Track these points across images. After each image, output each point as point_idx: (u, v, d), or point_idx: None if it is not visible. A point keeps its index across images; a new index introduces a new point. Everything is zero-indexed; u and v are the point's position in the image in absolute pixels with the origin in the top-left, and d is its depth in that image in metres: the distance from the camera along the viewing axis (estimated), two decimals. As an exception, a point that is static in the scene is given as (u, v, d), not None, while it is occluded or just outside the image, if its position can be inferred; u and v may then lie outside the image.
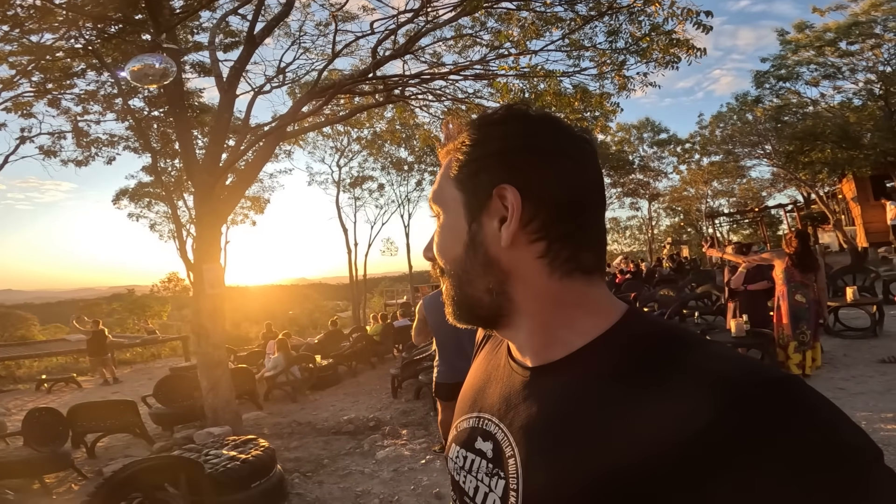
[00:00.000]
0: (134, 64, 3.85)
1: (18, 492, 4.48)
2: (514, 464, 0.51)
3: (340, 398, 7.62)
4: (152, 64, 3.81)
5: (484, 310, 0.55)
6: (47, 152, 10.25)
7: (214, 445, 3.83)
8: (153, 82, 3.87)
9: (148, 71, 3.76)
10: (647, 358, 0.47)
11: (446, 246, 0.57)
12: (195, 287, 5.12)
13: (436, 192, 0.58)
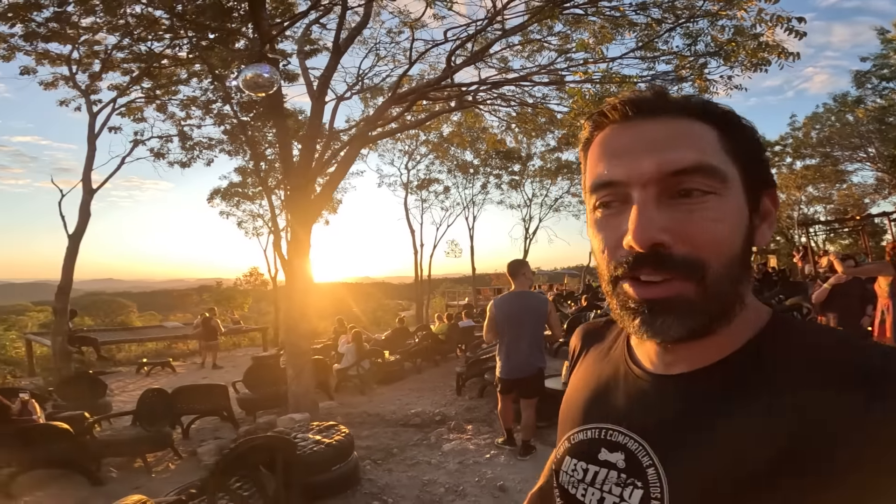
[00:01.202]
0: (246, 73, 4.17)
1: (121, 470, 4.78)
2: (654, 473, 0.50)
3: (406, 393, 7.83)
4: (262, 73, 4.12)
5: (726, 315, 0.49)
6: (157, 154, 11.42)
7: (301, 430, 4.09)
8: (263, 90, 4.20)
9: (259, 80, 4.09)
10: (793, 361, 0.47)
11: (722, 232, 0.47)
12: (287, 282, 5.51)
13: (707, 157, 0.48)
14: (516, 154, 19.28)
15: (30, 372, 12.13)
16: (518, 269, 4.14)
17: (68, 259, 8.95)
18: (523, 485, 3.78)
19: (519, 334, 3.97)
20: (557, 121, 9.24)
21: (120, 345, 15.03)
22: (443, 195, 20.76)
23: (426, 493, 3.83)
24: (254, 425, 6.12)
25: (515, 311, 4.00)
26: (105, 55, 9.68)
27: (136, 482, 4.52)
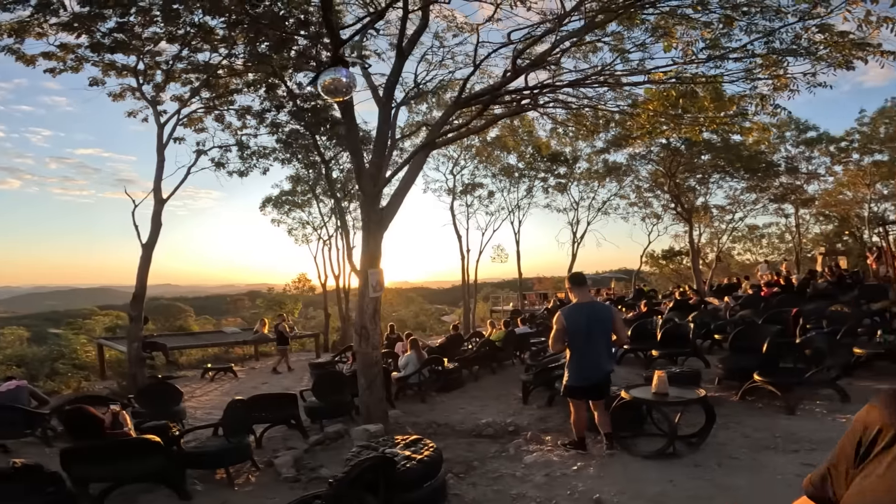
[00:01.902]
0: (324, 78, 4.15)
1: (204, 482, 4.66)
2: None
3: (467, 401, 7.72)
4: (340, 78, 4.07)
5: None
6: (217, 164, 11.82)
7: (387, 444, 3.99)
8: (341, 95, 4.17)
9: (337, 85, 4.03)
10: None
11: None
12: (359, 289, 5.51)
13: None
14: (562, 157, 18.96)
15: (101, 376, 12.73)
16: (581, 281, 4.43)
17: (142, 267, 9.35)
18: (620, 497, 3.61)
19: (591, 342, 4.20)
20: (615, 121, 8.99)
21: (182, 349, 15.57)
22: (487, 200, 20.65)
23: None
24: (322, 434, 6.13)
25: (585, 320, 4.20)
26: (167, 66, 10.04)
27: (221, 496, 4.45)
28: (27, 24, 8.38)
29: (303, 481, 4.63)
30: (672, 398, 4.25)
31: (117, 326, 20.90)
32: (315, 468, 4.93)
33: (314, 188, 17.85)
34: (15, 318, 35.33)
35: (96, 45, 9.17)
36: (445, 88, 9.70)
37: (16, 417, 6.43)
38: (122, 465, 4.17)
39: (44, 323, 27.23)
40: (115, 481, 4.16)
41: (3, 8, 8.00)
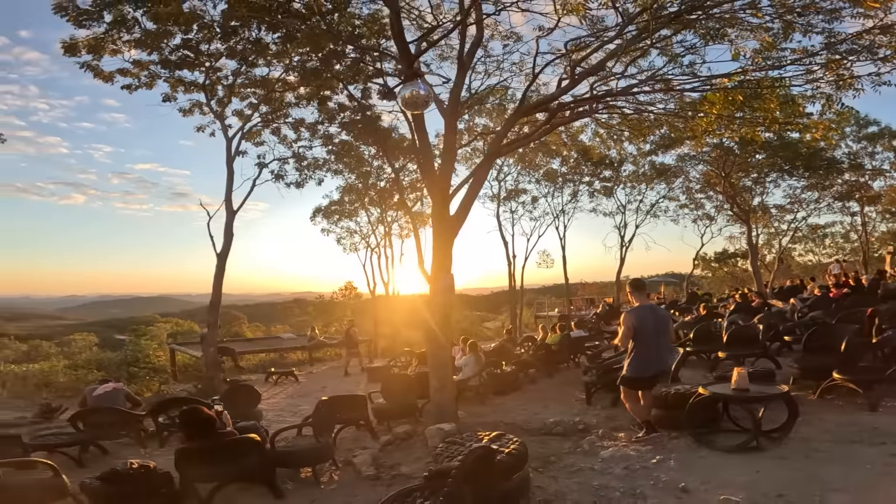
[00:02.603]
0: (403, 92, 4.42)
1: (292, 481, 4.79)
2: None
3: (527, 403, 7.80)
4: (419, 91, 4.34)
5: None
6: (277, 176, 12.44)
7: (471, 439, 4.12)
8: (419, 108, 4.43)
9: (417, 98, 4.31)
10: None
11: None
12: (430, 294, 5.73)
13: None
14: (606, 160, 18.80)
15: (174, 379, 13.54)
16: (642, 286, 5.16)
17: (217, 276, 9.93)
18: (706, 486, 3.65)
19: (657, 339, 4.80)
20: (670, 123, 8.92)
21: (243, 355, 16.29)
22: (531, 205, 20.69)
23: (601, 497, 3.79)
24: (392, 435, 6.35)
25: (652, 320, 4.81)
26: (231, 81, 10.59)
27: (310, 494, 4.58)
28: (103, 41, 9.07)
29: (383, 479, 4.81)
30: (754, 393, 4.25)
31: (178, 333, 22.14)
32: (392, 466, 5.11)
33: (363, 197, 18.42)
34: (83, 325, 37.93)
35: (165, 62, 9.75)
36: (496, 96, 9.89)
37: (114, 419, 6.73)
38: (229, 465, 4.30)
39: (108, 329, 29.08)
40: (222, 481, 4.28)
41: (78, 24, 8.69)
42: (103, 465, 5.51)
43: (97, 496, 4.11)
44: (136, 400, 7.48)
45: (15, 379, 12.18)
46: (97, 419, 6.58)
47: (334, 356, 18.42)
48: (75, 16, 8.50)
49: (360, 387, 12.09)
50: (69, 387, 11.87)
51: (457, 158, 9.42)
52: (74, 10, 8.49)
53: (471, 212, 5.72)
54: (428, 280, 5.92)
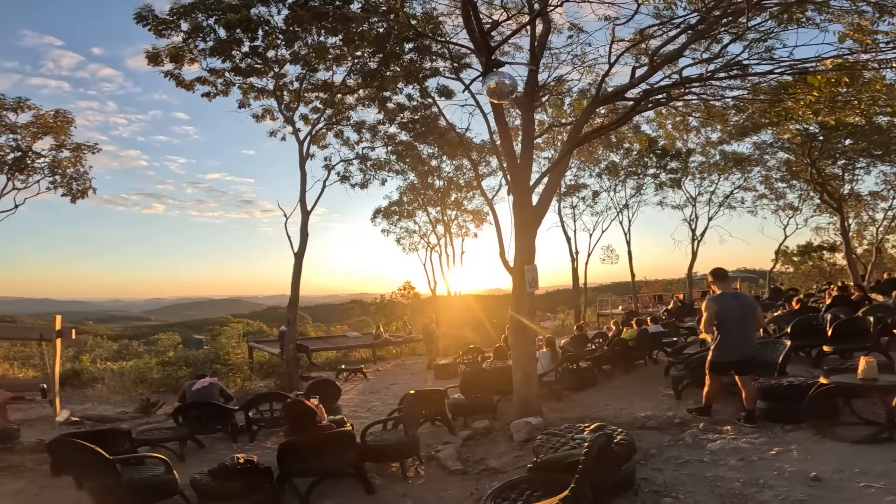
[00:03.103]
0: (489, 82, 4.42)
1: (379, 475, 4.80)
2: None
3: (608, 399, 7.55)
4: (504, 81, 4.31)
5: None
6: (343, 177, 12.83)
7: (572, 431, 4.09)
8: (505, 97, 4.41)
9: (502, 88, 4.28)
10: None
11: None
12: (514, 286, 5.68)
13: None
14: (672, 151, 17.99)
15: (250, 376, 14.17)
16: (725, 275, 5.27)
17: (295, 275, 10.33)
18: (839, 475, 3.42)
19: (743, 325, 4.96)
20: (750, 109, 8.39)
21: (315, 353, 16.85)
22: (592, 200, 20.16)
23: (719, 487, 3.63)
24: (471, 430, 6.31)
25: (737, 307, 5.00)
26: (298, 85, 10.94)
27: (399, 489, 4.53)
28: (181, 50, 9.65)
29: (471, 473, 4.79)
30: (884, 383, 3.91)
31: (248, 332, 23.28)
32: (478, 460, 5.07)
33: (421, 196, 18.66)
34: (165, 326, 40.94)
35: (237, 69, 10.21)
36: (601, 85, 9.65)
37: (210, 413, 6.89)
38: (328, 459, 4.29)
39: (187, 330, 31.06)
40: (320, 475, 4.29)
41: (158, 34, 9.28)
42: (201, 460, 5.88)
43: (207, 492, 4.14)
44: (228, 394, 7.67)
45: (113, 375, 13.14)
46: (195, 413, 6.79)
47: (396, 354, 18.71)
48: (155, 25, 9.11)
49: (427, 383, 12.22)
50: (162, 382, 12.64)
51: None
52: (154, 20, 9.10)
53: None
54: (510, 271, 5.88)
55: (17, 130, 9.46)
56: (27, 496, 4.69)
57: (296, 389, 9.91)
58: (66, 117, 9.93)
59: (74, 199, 10.19)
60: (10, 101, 9.37)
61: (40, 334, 8.90)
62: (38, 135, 9.60)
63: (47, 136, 9.74)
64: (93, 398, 11.31)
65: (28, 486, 4.97)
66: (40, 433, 7.25)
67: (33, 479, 5.19)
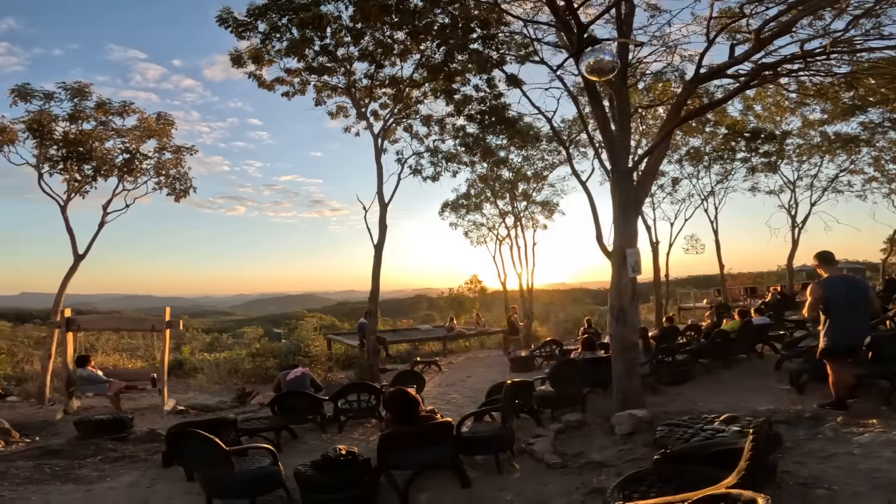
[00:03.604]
0: (588, 59, 4.16)
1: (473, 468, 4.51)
2: None
3: (712, 393, 6.97)
4: (604, 58, 4.05)
5: None
6: (415, 171, 12.88)
7: (700, 422, 3.79)
8: (606, 75, 4.17)
9: (602, 65, 4.05)
10: None
11: None
12: (615, 271, 5.38)
13: None
14: (763, 133, 16.50)
15: (328, 367, 14.63)
16: (832, 259, 4.99)
17: (375, 266, 10.46)
18: None
19: (851, 310, 4.71)
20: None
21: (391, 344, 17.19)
22: (671, 188, 18.97)
23: (879, 479, 3.18)
24: (561, 423, 6.02)
25: (846, 290, 4.75)
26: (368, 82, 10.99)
27: (496, 483, 4.31)
28: (260, 51, 9.98)
29: (571, 467, 4.48)
30: None
31: (322, 326, 24.18)
32: (577, 454, 4.76)
33: (493, 187, 18.44)
34: (249, 320, 43.68)
35: (310, 68, 10.44)
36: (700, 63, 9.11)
37: (303, 403, 6.90)
38: (429, 451, 4.09)
39: (267, 324, 32.84)
40: (419, 468, 4.07)
41: (239, 36, 9.59)
42: (295, 450, 5.92)
43: (311, 484, 4.01)
44: (318, 385, 7.73)
45: (209, 366, 14.07)
46: (289, 403, 6.82)
47: (465, 348, 18.64)
48: (235, 27, 9.50)
49: (504, 376, 12.02)
50: (252, 373, 13.36)
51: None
52: (234, 22, 9.50)
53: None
54: (608, 256, 5.57)
55: (124, 134, 10.18)
56: (140, 489, 4.72)
57: (376, 381, 10.06)
58: (168, 119, 10.61)
59: (178, 198, 10.85)
60: (115, 106, 10.04)
61: (152, 325, 9.57)
62: (142, 138, 10.31)
63: (151, 139, 10.43)
64: (194, 387, 12.11)
65: (141, 477, 5.03)
66: (150, 422, 7.72)
67: (146, 469, 5.27)
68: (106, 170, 9.92)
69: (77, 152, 9.45)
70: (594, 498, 3.71)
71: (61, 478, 5.00)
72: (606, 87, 5.99)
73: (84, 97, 9.68)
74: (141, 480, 4.93)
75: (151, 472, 5.19)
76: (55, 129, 9.60)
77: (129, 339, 19.96)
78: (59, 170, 9.71)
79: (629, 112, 5.70)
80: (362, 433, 6.96)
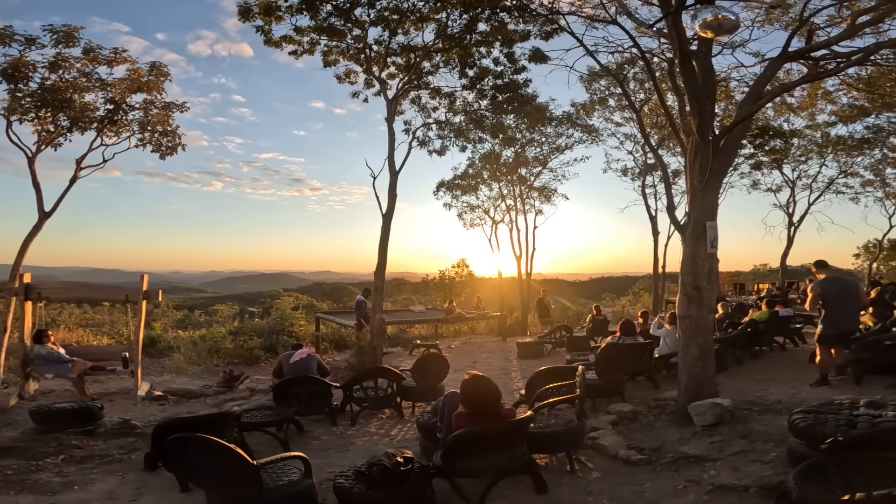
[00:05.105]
0: (706, 15, 3.87)
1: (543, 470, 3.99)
2: None
3: (755, 383, 6.55)
4: (728, 17, 3.82)
5: None
6: (421, 143, 12.06)
7: (831, 409, 3.37)
8: (725, 33, 3.97)
9: (723, 23, 3.82)
10: None
11: None
12: (690, 245, 4.86)
13: None
14: (771, 129, 16.42)
15: (327, 349, 13.74)
16: (825, 264, 6.16)
17: (383, 238, 9.59)
18: None
19: (842, 304, 5.75)
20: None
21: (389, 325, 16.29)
22: (672, 179, 18.74)
23: None
24: (616, 414, 5.47)
25: (839, 288, 5.84)
26: (379, 48, 10.23)
27: (577, 485, 3.76)
28: (272, 4, 9.06)
29: (661, 463, 4.00)
30: None
31: (300, 305, 23.10)
32: (658, 448, 4.29)
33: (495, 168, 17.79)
34: (221, 298, 41.78)
35: (320, 28, 9.63)
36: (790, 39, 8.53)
37: (313, 391, 5.96)
38: (505, 454, 3.33)
39: (240, 302, 31.43)
40: (496, 475, 3.35)
41: None
42: (305, 447, 5.01)
43: (359, 501, 3.14)
44: (325, 368, 6.69)
45: (187, 345, 12.84)
46: (295, 391, 5.91)
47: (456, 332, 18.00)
48: None
49: (509, 362, 11.49)
50: (234, 353, 12.32)
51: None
52: None
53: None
54: (680, 231, 5.07)
55: (109, 87, 8.95)
56: (121, 502, 3.81)
57: (379, 364, 9.32)
58: (162, 70, 9.41)
59: (164, 155, 9.71)
60: (105, 54, 8.81)
61: (126, 295, 8.42)
62: (130, 90, 9.12)
63: (139, 92, 9.25)
64: (170, 369, 10.95)
65: (119, 485, 4.06)
66: (122, 410, 6.70)
67: (123, 474, 4.33)
68: (84, 122, 8.68)
69: (53, 101, 8.23)
70: (721, 496, 3.26)
71: (15, 485, 4.00)
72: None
73: (71, 43, 8.48)
74: (120, 490, 3.99)
75: (132, 477, 4.26)
76: (32, 76, 8.42)
77: (94, 313, 18.39)
78: (29, 118, 8.46)
79: (715, 80, 5.18)
80: (380, 426, 6.21)
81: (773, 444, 3.86)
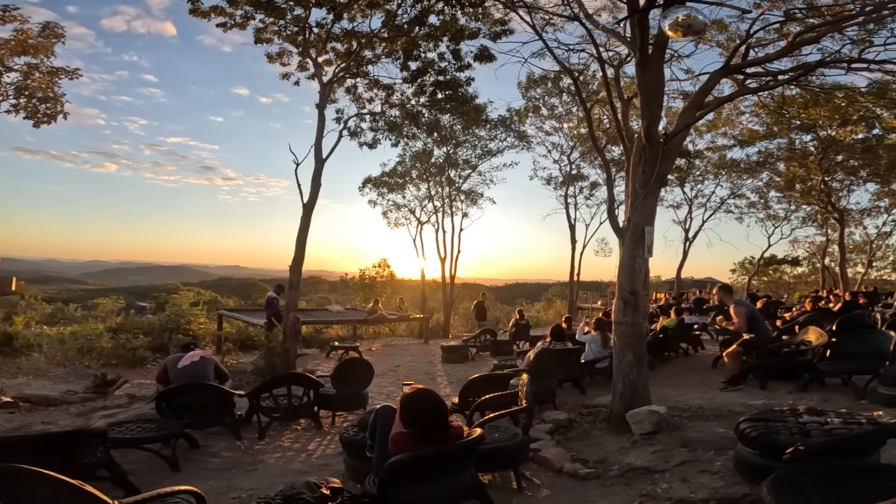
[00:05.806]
0: (676, 14, 3.72)
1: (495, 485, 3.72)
2: None
3: (671, 388, 6.66)
4: (697, 17, 3.67)
5: None
6: (352, 133, 11.37)
7: (789, 416, 3.29)
8: (693, 34, 3.82)
9: (696, 23, 3.67)
10: None
11: None
12: (628, 250, 4.76)
13: None
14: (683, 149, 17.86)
15: (218, 349, 12.43)
16: (731, 289, 7.77)
17: (302, 229, 8.65)
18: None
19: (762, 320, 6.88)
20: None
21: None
22: (589, 192, 19.72)
23: None
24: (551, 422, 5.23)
25: (754, 308, 7.29)
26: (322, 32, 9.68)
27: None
28: None
29: (609, 477, 3.74)
30: None
31: (201, 301, 21.05)
32: (602, 460, 4.04)
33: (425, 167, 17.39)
34: (104, 291, 36.66)
35: (256, 3, 8.89)
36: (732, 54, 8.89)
37: (209, 400, 5.07)
38: (453, 479, 2.84)
39: (130, 296, 27.98)
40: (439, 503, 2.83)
41: None
42: (203, 468, 4.29)
43: None
44: (224, 373, 5.76)
45: (52, 342, 11.01)
46: (185, 400, 4.99)
47: (374, 334, 17.30)
48: None
49: (434, 365, 11.11)
50: (113, 353, 10.76)
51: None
52: None
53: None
54: (619, 235, 5.00)
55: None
56: None
57: (292, 368, 8.45)
58: (55, 32, 7.90)
59: (39, 123, 8.12)
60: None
61: (-28, 282, 6.83)
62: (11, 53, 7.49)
63: (24, 55, 7.65)
64: (28, 370, 9.35)
65: None
66: None
67: None
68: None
69: None
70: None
71: None
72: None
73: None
74: None
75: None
76: None
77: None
78: None
79: (664, 86, 5.20)
80: (294, 439, 5.42)
81: (714, 453, 3.79)
